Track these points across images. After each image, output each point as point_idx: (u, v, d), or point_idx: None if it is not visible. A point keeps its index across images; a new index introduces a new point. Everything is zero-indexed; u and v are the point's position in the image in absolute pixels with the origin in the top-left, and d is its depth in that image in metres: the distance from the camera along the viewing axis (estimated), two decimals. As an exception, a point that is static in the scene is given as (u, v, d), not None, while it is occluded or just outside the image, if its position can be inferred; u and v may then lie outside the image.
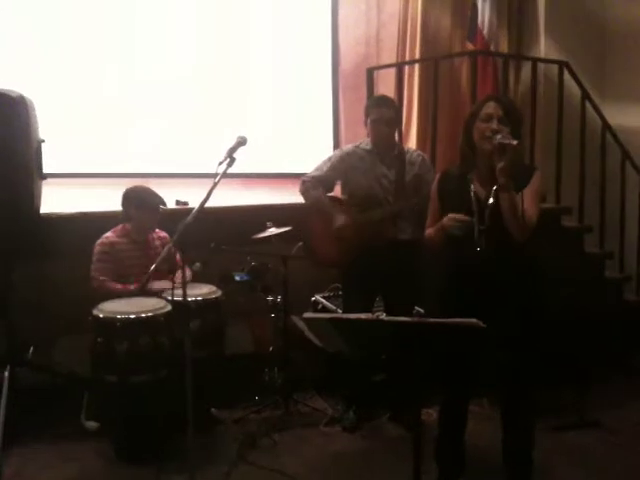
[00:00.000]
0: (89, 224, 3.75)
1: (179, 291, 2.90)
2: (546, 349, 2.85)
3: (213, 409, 3.64)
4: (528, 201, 2.50)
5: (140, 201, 3.58)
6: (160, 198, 3.63)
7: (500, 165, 2.47)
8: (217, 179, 2.73)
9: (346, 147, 3.69)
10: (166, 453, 3.19)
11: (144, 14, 4.60)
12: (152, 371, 3.23)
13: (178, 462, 3.10)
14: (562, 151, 4.31)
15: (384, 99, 3.67)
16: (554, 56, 4.93)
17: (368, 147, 3.57)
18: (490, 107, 2.59)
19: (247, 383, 3.88)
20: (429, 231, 2.77)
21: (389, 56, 5.19)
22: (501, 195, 2.49)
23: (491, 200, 2.51)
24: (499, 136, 2.48)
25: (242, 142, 2.91)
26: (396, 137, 3.77)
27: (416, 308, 3.71)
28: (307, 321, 2.30)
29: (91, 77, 4.42)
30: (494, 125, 2.54)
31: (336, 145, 5.41)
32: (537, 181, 2.60)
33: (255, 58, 4.98)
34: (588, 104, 4.55)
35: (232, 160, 2.84)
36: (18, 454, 3.25)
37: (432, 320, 2.10)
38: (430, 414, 3.45)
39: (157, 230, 3.76)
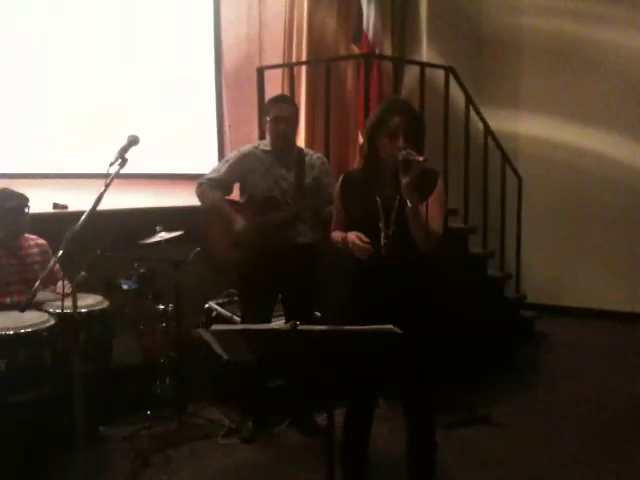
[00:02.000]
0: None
1: (62, 303, 2.70)
2: (441, 348, 2.89)
3: (101, 427, 3.40)
4: (434, 210, 2.50)
5: None
6: (20, 199, 3.32)
7: (405, 181, 2.42)
8: (109, 180, 2.54)
9: (244, 148, 3.55)
10: (50, 476, 2.98)
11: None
12: (33, 389, 2.97)
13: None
14: (448, 156, 4.42)
15: (284, 97, 3.59)
16: (435, 61, 5.07)
17: (267, 148, 3.47)
18: (395, 122, 2.52)
19: (137, 397, 3.68)
20: (335, 234, 2.72)
21: (272, 55, 5.14)
22: (407, 209, 2.47)
23: (396, 207, 2.51)
24: (404, 152, 2.43)
25: (134, 141, 2.73)
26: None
27: (315, 313, 3.65)
28: (215, 334, 2.17)
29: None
30: (400, 143, 2.50)
31: (220, 144, 5.29)
32: (441, 187, 2.61)
33: (138, 56, 4.75)
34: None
35: (124, 161, 2.65)
36: None
37: (348, 328, 2.05)
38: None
39: (33, 237, 3.47)
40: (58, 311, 3.07)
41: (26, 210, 3.32)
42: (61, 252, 2.38)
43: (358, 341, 2.14)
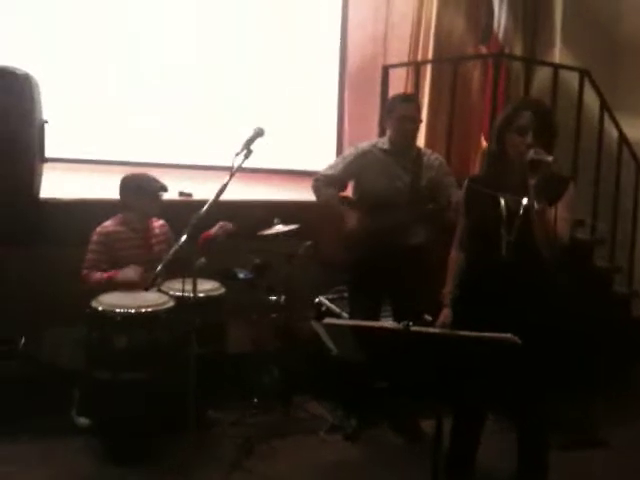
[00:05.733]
0: (89, 211, 3.59)
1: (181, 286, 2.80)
2: (560, 366, 2.75)
3: (210, 410, 3.49)
4: (562, 215, 2.38)
5: (138, 187, 3.43)
6: (160, 184, 3.48)
7: (532, 181, 2.31)
8: (234, 171, 2.60)
9: (362, 145, 3.54)
10: (158, 454, 3.08)
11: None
12: (149, 369, 3.09)
13: (171, 464, 2.99)
14: (578, 163, 4.21)
15: (411, 96, 3.56)
16: (567, 64, 4.84)
17: (385, 146, 3.44)
18: (525, 118, 2.44)
19: (244, 384, 3.75)
20: (454, 253, 2.67)
21: (396, 57, 5.08)
22: (532, 212, 2.36)
23: (521, 212, 2.40)
24: (532, 151, 2.33)
25: (259, 133, 2.81)
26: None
27: (425, 316, 3.57)
28: (327, 327, 2.17)
29: (98, 63, 4.30)
30: (529, 139, 2.40)
31: (339, 143, 5.30)
32: (572, 193, 2.48)
33: (264, 54, 4.85)
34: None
35: (249, 152, 2.72)
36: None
37: (464, 333, 1.99)
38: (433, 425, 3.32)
39: (156, 219, 3.62)
40: (178, 294, 3.20)
41: (161, 197, 3.47)
42: (185, 236, 2.46)
43: (473, 348, 2.06)
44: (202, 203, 2.74)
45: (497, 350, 2.00)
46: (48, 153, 3.44)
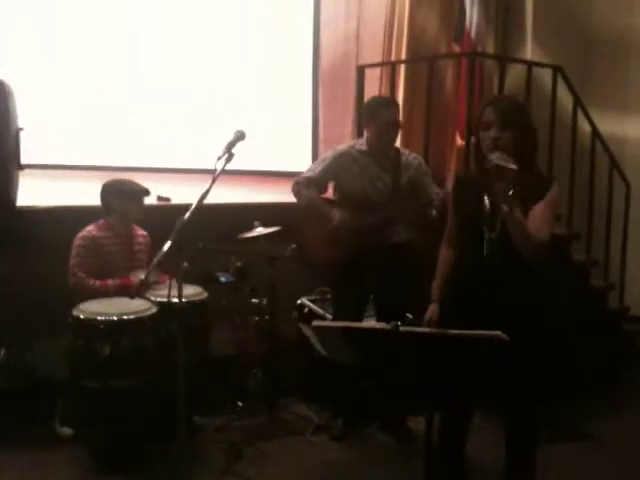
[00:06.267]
0: (70, 218, 3.54)
1: (164, 292, 2.77)
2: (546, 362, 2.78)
3: (195, 416, 3.47)
4: (538, 218, 2.40)
5: (122, 192, 3.42)
6: (143, 187, 3.47)
7: (499, 188, 2.32)
8: (216, 174, 2.59)
9: (340, 147, 3.55)
10: (148, 462, 3.07)
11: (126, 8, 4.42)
12: (135, 376, 3.06)
13: (158, 472, 2.98)
14: (553, 159, 4.26)
15: (392, 101, 3.57)
16: (539, 61, 4.89)
17: (363, 148, 3.45)
18: (487, 114, 2.48)
19: (228, 388, 3.74)
20: (443, 251, 2.69)
21: (369, 55, 5.08)
22: (505, 216, 2.37)
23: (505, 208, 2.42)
24: (495, 156, 2.33)
25: (240, 137, 2.79)
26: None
27: (407, 315, 3.59)
28: (315, 329, 2.17)
29: (71, 69, 4.23)
30: (492, 133, 2.44)
31: (315, 143, 5.30)
32: (552, 196, 2.48)
33: (238, 57, 4.81)
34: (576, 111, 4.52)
35: (230, 155, 2.70)
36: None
37: (453, 332, 2.00)
38: (420, 423, 3.35)
39: (138, 228, 3.58)
40: (160, 299, 3.17)
41: (144, 200, 3.45)
42: (170, 242, 2.44)
43: (461, 346, 2.08)
44: (181, 207, 2.72)
45: (485, 347, 2.01)
46: (24, 160, 3.40)
